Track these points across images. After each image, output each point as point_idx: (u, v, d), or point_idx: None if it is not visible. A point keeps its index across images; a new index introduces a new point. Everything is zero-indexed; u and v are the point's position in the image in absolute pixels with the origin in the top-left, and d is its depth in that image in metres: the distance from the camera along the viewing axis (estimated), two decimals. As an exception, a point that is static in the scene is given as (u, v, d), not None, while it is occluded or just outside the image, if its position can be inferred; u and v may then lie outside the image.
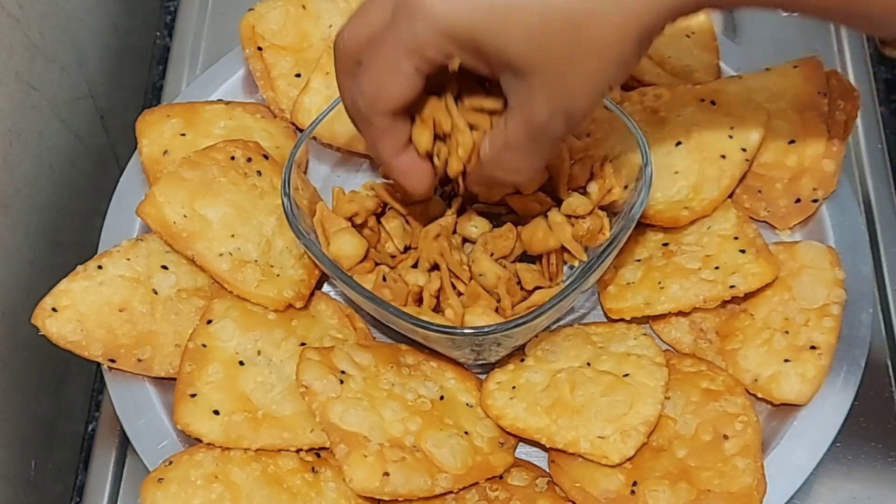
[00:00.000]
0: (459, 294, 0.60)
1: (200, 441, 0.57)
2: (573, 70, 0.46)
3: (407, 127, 0.53)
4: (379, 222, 0.62)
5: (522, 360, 0.61)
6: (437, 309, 0.60)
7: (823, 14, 0.48)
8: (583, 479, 0.56)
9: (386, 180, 0.63)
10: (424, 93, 0.51)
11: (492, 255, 0.60)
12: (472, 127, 0.53)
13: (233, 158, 0.64)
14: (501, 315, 0.59)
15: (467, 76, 0.52)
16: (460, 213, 0.62)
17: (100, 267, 0.61)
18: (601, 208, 0.61)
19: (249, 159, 0.65)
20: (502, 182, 0.53)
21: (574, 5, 0.44)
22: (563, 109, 0.48)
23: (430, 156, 0.54)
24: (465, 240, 0.62)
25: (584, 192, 0.61)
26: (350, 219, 0.61)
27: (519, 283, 0.60)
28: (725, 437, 0.56)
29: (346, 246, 0.60)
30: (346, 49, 0.51)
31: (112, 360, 0.60)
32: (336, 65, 0.53)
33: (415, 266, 0.61)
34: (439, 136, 0.54)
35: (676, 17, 0.46)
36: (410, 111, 0.52)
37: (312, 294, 0.64)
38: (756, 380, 0.59)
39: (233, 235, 0.62)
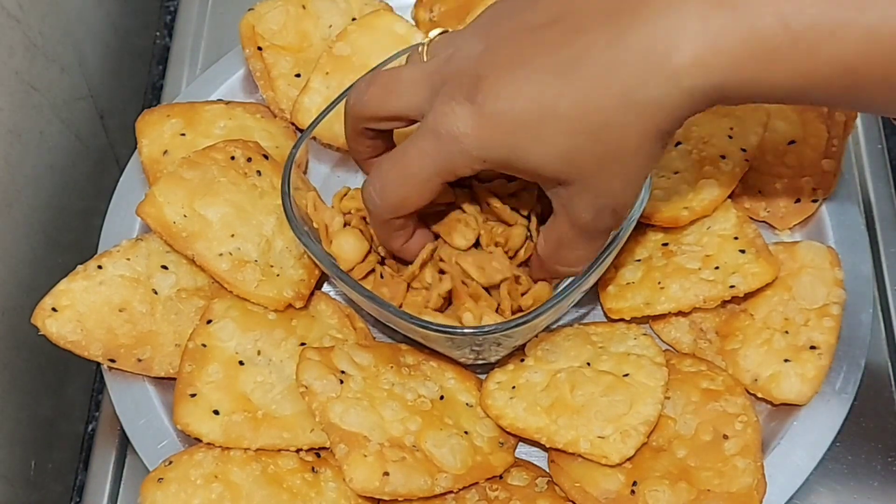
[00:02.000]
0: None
1: (200, 441, 0.57)
2: (607, 174, 0.48)
3: (413, 221, 0.56)
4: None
5: (522, 360, 0.61)
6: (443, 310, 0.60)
7: (827, 103, 0.50)
8: (583, 478, 0.56)
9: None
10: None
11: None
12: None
13: (233, 158, 0.64)
14: (501, 316, 0.58)
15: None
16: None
17: (100, 267, 0.61)
18: None
19: (249, 159, 0.65)
20: (565, 275, 0.57)
21: (594, 119, 0.46)
22: (607, 206, 0.50)
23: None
24: None
25: None
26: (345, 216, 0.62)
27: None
28: (725, 437, 0.56)
29: (346, 247, 0.60)
30: (361, 115, 0.54)
31: (112, 360, 0.60)
32: (348, 125, 0.56)
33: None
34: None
35: (692, 114, 0.47)
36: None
37: (312, 294, 0.64)
38: (756, 380, 0.59)
39: (233, 235, 0.62)
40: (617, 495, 0.55)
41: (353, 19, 0.72)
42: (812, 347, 0.59)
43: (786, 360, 0.59)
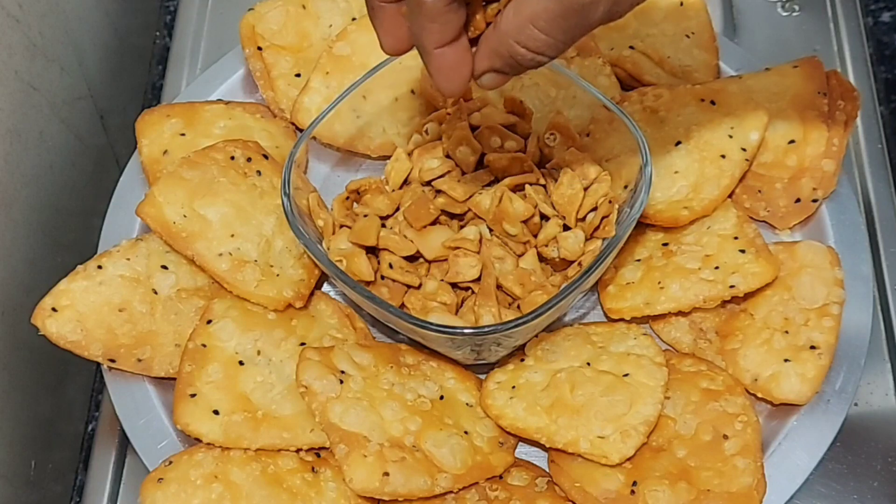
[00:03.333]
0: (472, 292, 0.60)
1: (200, 441, 0.57)
2: None
3: (459, 16, 0.47)
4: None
5: (522, 360, 0.61)
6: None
7: None
8: (583, 478, 0.56)
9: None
10: None
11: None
12: None
13: (232, 158, 0.64)
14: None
15: None
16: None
17: (100, 267, 0.61)
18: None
19: (249, 159, 0.65)
20: (515, 60, 0.47)
21: None
22: None
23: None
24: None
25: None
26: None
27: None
28: (725, 436, 0.56)
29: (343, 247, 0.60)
30: None
31: (112, 360, 0.60)
32: None
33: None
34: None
35: None
36: None
37: (312, 294, 0.64)
38: (756, 379, 0.59)
39: (232, 235, 0.62)
40: (617, 495, 0.55)
41: (353, 19, 0.72)
42: (812, 347, 0.59)
43: (786, 360, 0.59)
